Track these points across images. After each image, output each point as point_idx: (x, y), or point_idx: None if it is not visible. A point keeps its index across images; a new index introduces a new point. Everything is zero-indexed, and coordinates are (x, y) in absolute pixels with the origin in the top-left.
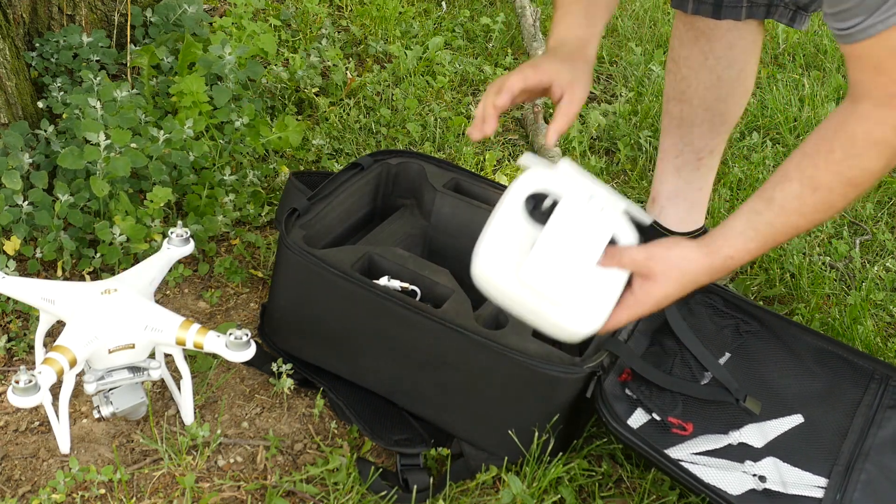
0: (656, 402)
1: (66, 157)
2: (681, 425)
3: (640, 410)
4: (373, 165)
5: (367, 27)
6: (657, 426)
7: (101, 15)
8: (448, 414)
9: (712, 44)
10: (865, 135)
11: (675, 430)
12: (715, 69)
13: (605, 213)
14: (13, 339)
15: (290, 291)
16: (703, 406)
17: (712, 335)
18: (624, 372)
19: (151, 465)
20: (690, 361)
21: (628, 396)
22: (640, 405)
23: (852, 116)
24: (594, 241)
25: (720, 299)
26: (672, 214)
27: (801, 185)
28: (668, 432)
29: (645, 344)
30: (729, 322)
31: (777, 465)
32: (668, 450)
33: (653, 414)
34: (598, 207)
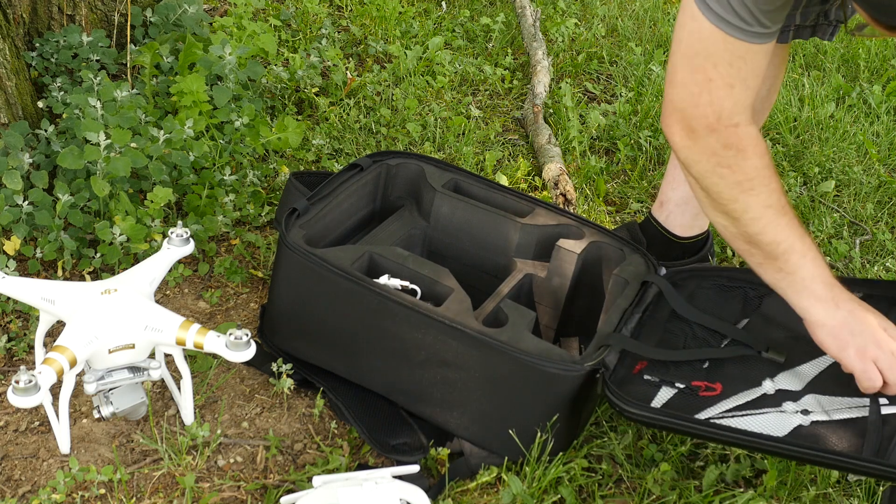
0: (677, 374)
1: (66, 156)
2: (708, 387)
3: (664, 388)
4: (372, 166)
5: (367, 27)
6: (684, 395)
7: (101, 15)
8: (448, 412)
9: None
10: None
11: (703, 393)
12: None
13: (382, 485)
14: (13, 339)
15: (290, 291)
16: (729, 367)
17: (722, 308)
18: (637, 363)
19: (151, 465)
20: (703, 333)
21: (648, 381)
22: (662, 384)
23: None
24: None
25: (724, 277)
26: (679, 219)
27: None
28: (696, 396)
29: (657, 335)
30: (736, 293)
31: (818, 399)
32: (699, 414)
33: (676, 384)
34: (373, 484)
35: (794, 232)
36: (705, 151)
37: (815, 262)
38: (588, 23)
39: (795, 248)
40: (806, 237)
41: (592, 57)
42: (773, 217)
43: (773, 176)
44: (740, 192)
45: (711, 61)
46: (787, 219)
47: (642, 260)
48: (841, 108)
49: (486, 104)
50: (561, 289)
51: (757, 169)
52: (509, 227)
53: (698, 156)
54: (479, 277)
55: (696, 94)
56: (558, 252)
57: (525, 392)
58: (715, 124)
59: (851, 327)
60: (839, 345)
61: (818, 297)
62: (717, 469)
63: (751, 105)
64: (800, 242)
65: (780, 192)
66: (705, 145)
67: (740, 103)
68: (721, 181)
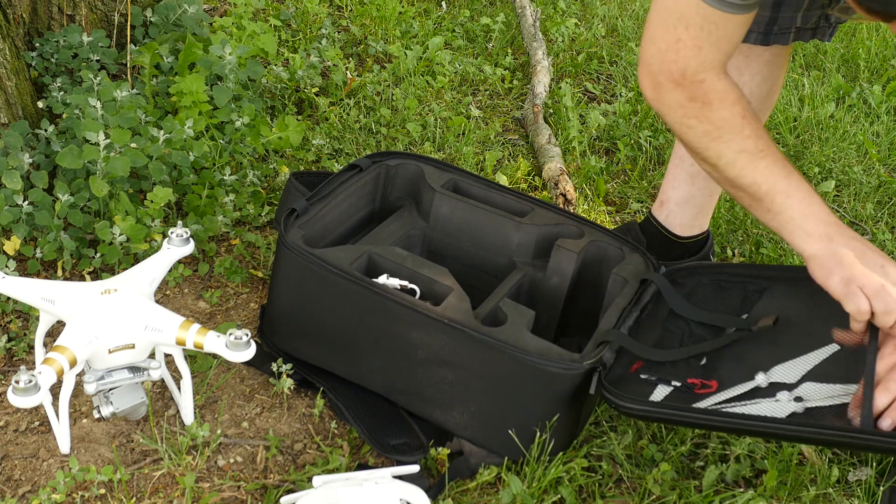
0: (672, 372)
1: (65, 156)
2: (704, 384)
3: (661, 386)
4: (371, 167)
5: (367, 27)
6: (680, 392)
7: (101, 15)
8: (447, 412)
9: (749, 61)
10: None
11: (698, 391)
12: (748, 84)
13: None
14: (13, 339)
15: (290, 291)
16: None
17: (721, 304)
18: (634, 363)
19: (151, 465)
20: (700, 331)
21: (645, 380)
22: (659, 382)
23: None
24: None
25: (724, 273)
26: (679, 219)
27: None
28: (691, 393)
29: (655, 333)
30: (735, 289)
31: (813, 387)
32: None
33: (672, 382)
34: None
35: (776, 173)
36: (672, 104)
37: (805, 202)
38: (588, 23)
39: (779, 189)
40: (792, 178)
41: (592, 57)
42: (748, 160)
43: (746, 123)
44: (710, 141)
45: (683, 23)
46: (766, 161)
47: (642, 259)
48: (841, 108)
49: (486, 104)
50: (560, 288)
51: (724, 119)
52: (509, 227)
53: (666, 108)
54: (478, 277)
55: (664, 50)
56: (557, 251)
57: (525, 391)
58: (680, 80)
59: (840, 258)
60: (825, 272)
61: (809, 233)
62: (717, 469)
63: (721, 63)
64: (783, 182)
65: (755, 136)
66: (672, 98)
67: (707, 63)
68: (690, 131)
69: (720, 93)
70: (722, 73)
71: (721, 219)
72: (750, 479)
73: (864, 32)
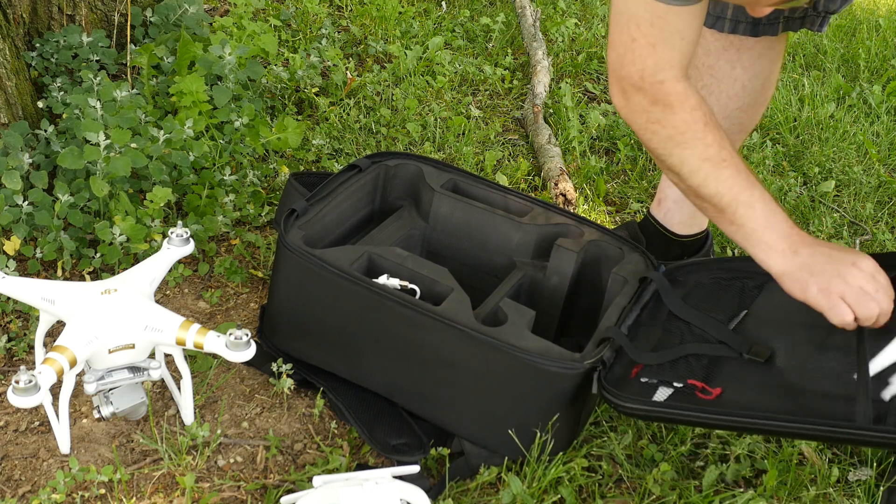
0: (672, 373)
1: (66, 157)
2: (705, 388)
3: (662, 388)
4: (370, 167)
5: (367, 27)
6: (681, 392)
7: (101, 15)
8: (448, 412)
9: (741, 54)
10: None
11: (699, 393)
12: (740, 79)
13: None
14: (13, 339)
15: (290, 292)
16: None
17: (719, 304)
18: (634, 367)
19: (151, 465)
20: (699, 331)
21: (646, 383)
22: (660, 384)
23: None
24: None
25: (723, 270)
26: (677, 217)
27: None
28: (692, 395)
29: (656, 333)
30: (734, 285)
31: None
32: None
33: (674, 384)
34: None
35: (739, 183)
36: (636, 109)
37: (766, 212)
38: (588, 23)
39: (741, 200)
40: (754, 189)
41: (592, 57)
42: (711, 169)
43: (708, 130)
44: (674, 147)
45: (634, 21)
46: (729, 171)
47: (641, 258)
48: (841, 108)
49: (486, 104)
50: (560, 288)
51: (686, 123)
52: (508, 227)
53: (632, 114)
54: (478, 277)
55: (622, 53)
56: (557, 251)
57: (525, 390)
58: (640, 82)
59: (811, 267)
60: (801, 287)
61: (771, 246)
62: (717, 469)
63: (679, 64)
64: (746, 193)
65: (718, 145)
66: (636, 103)
67: (664, 61)
68: (654, 136)
69: (680, 95)
70: (681, 76)
71: None
72: (750, 479)
73: (864, 32)
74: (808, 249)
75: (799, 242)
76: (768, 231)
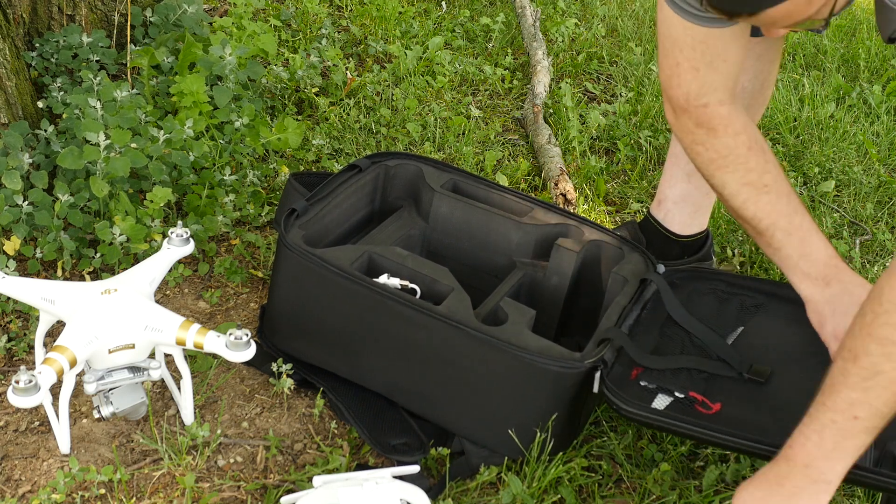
0: (674, 382)
1: (66, 157)
2: (705, 403)
3: (661, 395)
4: (370, 167)
5: (367, 27)
6: (680, 403)
7: (101, 15)
8: (448, 411)
9: None
10: (891, 289)
11: (698, 406)
12: (740, 80)
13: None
14: (13, 339)
15: (290, 291)
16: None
17: (717, 316)
18: (634, 369)
19: (151, 465)
20: (697, 343)
21: (645, 387)
22: (659, 391)
23: (885, 275)
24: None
25: (723, 283)
26: (677, 218)
27: (841, 359)
28: (692, 407)
29: (653, 340)
30: (734, 300)
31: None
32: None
33: (675, 393)
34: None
35: (778, 209)
36: (683, 129)
37: (805, 241)
38: (588, 23)
39: (779, 226)
40: (794, 215)
41: (592, 57)
42: (751, 194)
43: (751, 154)
44: (715, 169)
45: (678, 46)
46: (769, 197)
47: (641, 258)
48: (841, 108)
49: (486, 104)
50: (560, 288)
51: (729, 147)
52: (508, 227)
53: (680, 133)
54: (478, 277)
55: (669, 76)
56: (557, 251)
57: (525, 390)
58: (685, 105)
59: (835, 305)
60: (819, 320)
61: (806, 274)
62: (717, 469)
63: (724, 87)
64: (784, 220)
65: (761, 170)
66: (682, 124)
67: (708, 85)
68: (698, 157)
69: (724, 119)
70: (726, 99)
71: (721, 219)
72: None
73: (865, 32)
74: (840, 286)
75: (834, 276)
76: (804, 259)
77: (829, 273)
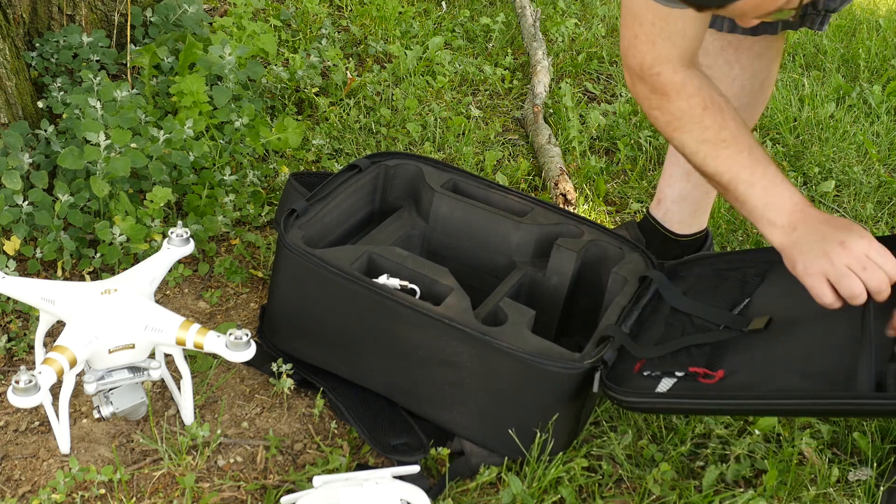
0: (674, 363)
1: (66, 157)
2: (707, 373)
3: (665, 379)
4: (370, 167)
5: (367, 27)
6: (684, 381)
7: (101, 15)
8: (448, 412)
9: (739, 54)
10: None
11: (702, 379)
12: (739, 79)
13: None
14: (13, 339)
15: (290, 292)
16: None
17: (722, 294)
18: (637, 363)
19: (151, 465)
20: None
21: (648, 376)
22: (664, 376)
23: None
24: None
25: (724, 262)
26: (677, 216)
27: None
28: (695, 381)
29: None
30: (736, 275)
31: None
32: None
33: (676, 373)
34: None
35: (739, 162)
36: (640, 95)
37: (767, 190)
38: (588, 23)
39: (741, 178)
40: (756, 166)
41: (592, 57)
42: (709, 150)
43: (707, 114)
44: (672, 131)
45: (638, 20)
46: (728, 151)
47: (641, 258)
48: (841, 108)
49: (486, 104)
50: (560, 288)
51: (682, 110)
52: (508, 227)
53: (638, 98)
54: (478, 277)
55: (627, 47)
56: (557, 251)
57: (525, 390)
58: (640, 73)
59: (802, 246)
60: (790, 264)
61: (772, 222)
62: (717, 469)
63: (679, 58)
64: (746, 172)
65: (718, 126)
66: (638, 90)
67: (662, 56)
68: (656, 122)
69: (677, 85)
70: (679, 67)
71: (721, 219)
72: (750, 479)
73: (864, 32)
74: (806, 227)
75: (800, 220)
76: (768, 209)
77: (796, 218)
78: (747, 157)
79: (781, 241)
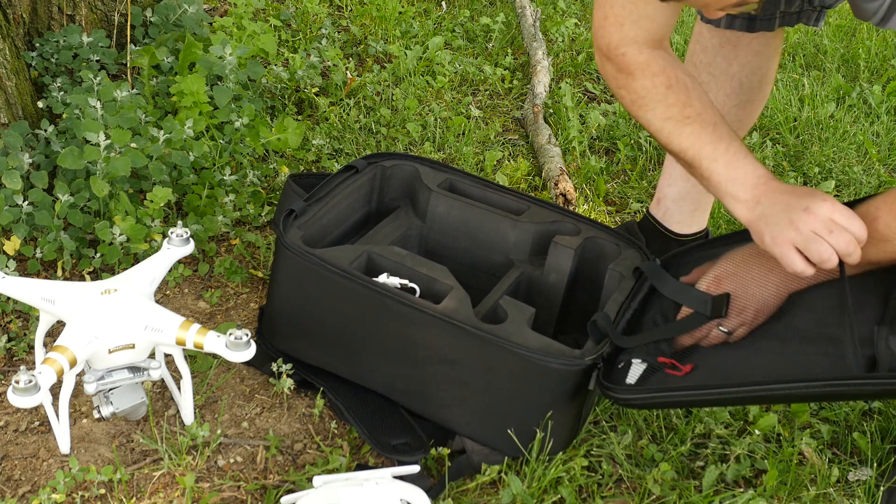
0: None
1: (66, 157)
2: (673, 364)
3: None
4: (367, 168)
5: (367, 27)
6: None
7: (101, 15)
8: (448, 410)
9: (737, 51)
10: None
11: (668, 370)
12: (737, 76)
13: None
14: (13, 339)
15: (289, 292)
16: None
17: None
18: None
19: (151, 465)
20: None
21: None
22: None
23: None
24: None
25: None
26: (676, 216)
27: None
28: (662, 373)
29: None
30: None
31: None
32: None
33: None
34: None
35: (702, 139)
36: (607, 74)
37: (730, 165)
38: (588, 23)
39: (704, 154)
40: (719, 142)
41: (592, 57)
42: (673, 127)
43: (671, 92)
44: (637, 109)
45: (609, 2)
46: (691, 128)
47: (638, 254)
48: (841, 108)
49: (486, 104)
50: (558, 285)
51: (646, 88)
52: (505, 225)
53: (606, 77)
54: (476, 276)
55: (597, 27)
56: (555, 248)
57: (526, 388)
58: (607, 52)
59: (767, 217)
60: (758, 237)
61: (736, 197)
62: (717, 469)
63: (645, 40)
64: (709, 147)
65: (682, 104)
66: (606, 70)
67: (629, 38)
68: (622, 100)
69: (641, 64)
70: (645, 49)
71: (721, 218)
72: (750, 479)
73: (864, 32)
74: (769, 199)
75: (763, 192)
76: (731, 183)
77: (759, 192)
78: (711, 134)
79: (747, 216)
